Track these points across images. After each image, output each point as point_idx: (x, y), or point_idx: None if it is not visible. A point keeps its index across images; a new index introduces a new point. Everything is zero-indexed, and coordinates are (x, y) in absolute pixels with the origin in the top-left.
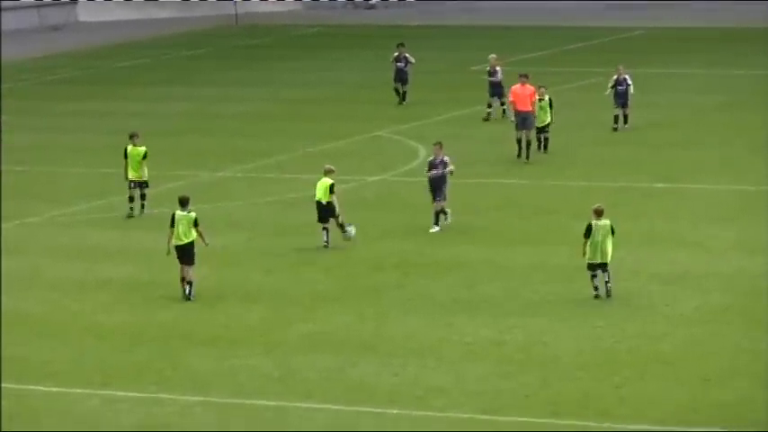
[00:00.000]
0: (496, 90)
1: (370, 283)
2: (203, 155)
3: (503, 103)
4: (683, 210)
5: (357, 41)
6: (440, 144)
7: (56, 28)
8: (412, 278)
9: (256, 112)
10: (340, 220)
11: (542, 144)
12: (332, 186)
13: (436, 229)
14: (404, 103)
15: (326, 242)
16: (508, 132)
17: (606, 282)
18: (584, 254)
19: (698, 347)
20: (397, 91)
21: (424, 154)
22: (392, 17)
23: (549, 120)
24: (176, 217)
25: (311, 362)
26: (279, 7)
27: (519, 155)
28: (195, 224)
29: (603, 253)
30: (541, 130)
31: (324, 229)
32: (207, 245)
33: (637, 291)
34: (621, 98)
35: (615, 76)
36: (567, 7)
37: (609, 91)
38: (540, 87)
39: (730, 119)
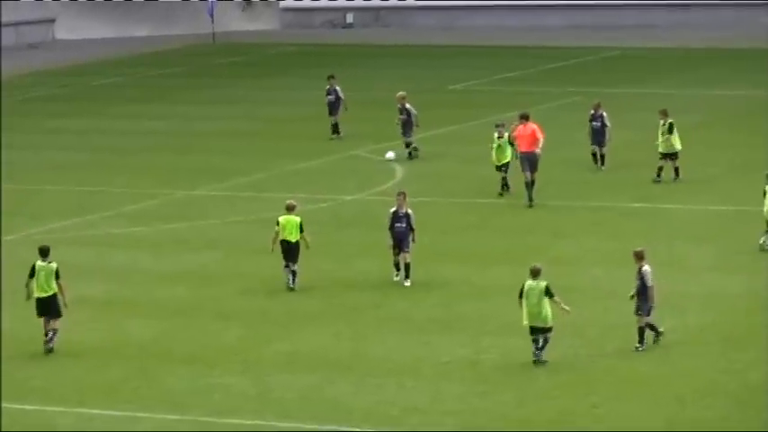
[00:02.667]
0: (405, 129)
1: (347, 303)
2: (180, 173)
3: (408, 144)
4: (661, 229)
5: (334, 60)
6: (403, 194)
7: (33, 46)
8: (389, 298)
9: (233, 131)
10: (298, 266)
11: (504, 183)
12: (301, 225)
13: (408, 282)
14: (335, 136)
15: (292, 286)
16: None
17: (540, 349)
18: (524, 318)
19: (674, 367)
20: (334, 126)
21: (401, 173)
22: (369, 36)
23: (509, 158)
24: (36, 268)
25: (288, 381)
26: (256, 26)
27: (529, 200)
28: (56, 276)
29: (542, 317)
30: (500, 168)
31: (291, 271)
32: (65, 306)
33: (614, 310)
34: (597, 136)
35: (592, 111)
36: (546, 27)
37: (588, 127)
38: (497, 126)
39: (708, 139)
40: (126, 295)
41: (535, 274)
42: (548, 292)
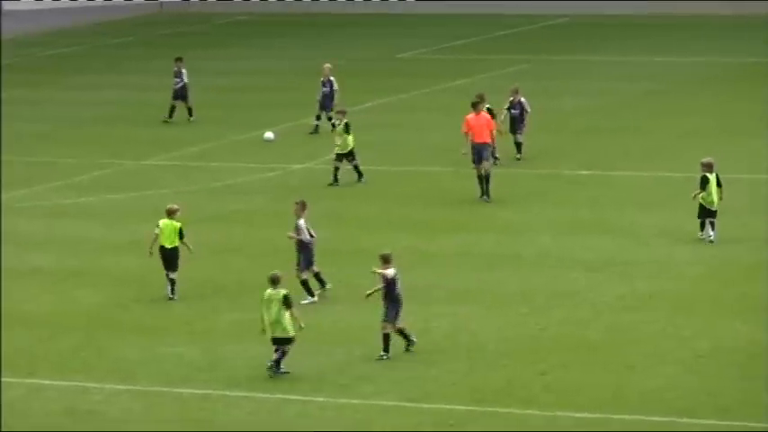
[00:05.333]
0: (326, 103)
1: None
2: (130, 143)
3: (330, 118)
4: (609, 197)
5: (285, 30)
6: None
7: None
8: (338, 266)
9: None
10: (177, 275)
11: (357, 172)
12: (181, 230)
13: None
14: (170, 119)
15: (172, 296)
16: (437, 121)
17: (277, 361)
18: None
19: (623, 334)
20: (172, 108)
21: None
22: (321, 6)
23: (351, 146)
24: None
25: (237, 350)
26: None
27: (481, 194)
28: None
29: (282, 326)
30: (345, 156)
31: (170, 280)
32: None
33: (562, 278)
34: (515, 124)
35: (510, 98)
36: None
37: (504, 115)
38: (337, 113)
39: (656, 106)
40: (76, 265)
41: (275, 281)
42: (286, 302)
